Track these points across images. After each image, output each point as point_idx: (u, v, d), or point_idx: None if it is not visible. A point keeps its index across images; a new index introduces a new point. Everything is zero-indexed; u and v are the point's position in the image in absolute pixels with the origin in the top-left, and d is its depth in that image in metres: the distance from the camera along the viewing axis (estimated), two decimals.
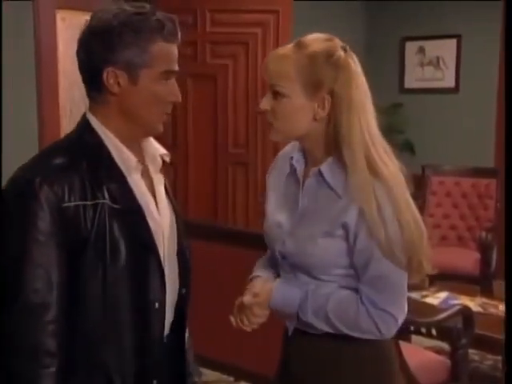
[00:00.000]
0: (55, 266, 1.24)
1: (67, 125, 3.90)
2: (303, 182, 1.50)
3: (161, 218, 1.40)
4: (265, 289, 1.51)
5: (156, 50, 1.30)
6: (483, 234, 4.36)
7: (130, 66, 1.29)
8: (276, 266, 1.58)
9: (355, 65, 1.43)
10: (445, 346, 3.12)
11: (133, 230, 1.31)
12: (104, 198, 1.28)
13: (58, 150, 1.34)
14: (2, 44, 2.26)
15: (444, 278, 4.07)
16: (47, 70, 3.74)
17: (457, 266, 4.22)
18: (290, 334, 1.53)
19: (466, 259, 4.40)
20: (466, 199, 4.74)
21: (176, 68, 1.35)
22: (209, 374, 3.09)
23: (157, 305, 1.35)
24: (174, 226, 1.45)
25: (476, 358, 3.55)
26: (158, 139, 1.49)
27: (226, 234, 3.03)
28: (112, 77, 1.30)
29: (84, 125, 1.36)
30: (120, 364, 1.31)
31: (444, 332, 2.72)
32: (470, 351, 2.80)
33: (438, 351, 3.09)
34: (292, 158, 1.51)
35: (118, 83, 1.30)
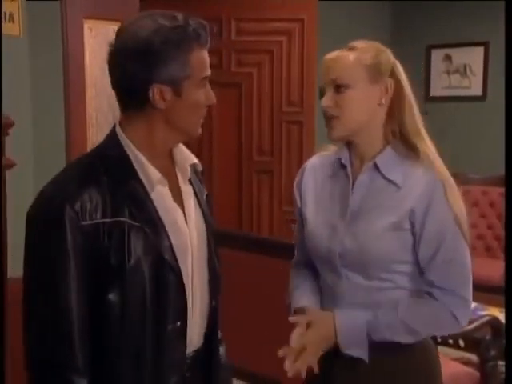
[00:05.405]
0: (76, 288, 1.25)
1: (94, 134, 3.93)
2: (353, 179, 1.52)
3: (189, 230, 1.39)
4: (325, 322, 1.46)
5: (194, 58, 1.32)
6: None
7: (174, 80, 1.31)
8: (315, 275, 1.58)
9: None
10: (472, 357, 3.06)
11: (154, 247, 1.30)
12: (124, 216, 1.28)
13: (80, 165, 1.35)
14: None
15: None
16: (75, 79, 3.78)
17: (484, 277, 4.15)
18: (367, 361, 1.46)
19: (494, 269, 4.31)
20: (493, 208, 4.66)
21: (210, 72, 1.37)
22: (234, 382, 3.08)
23: (178, 323, 1.33)
24: (205, 237, 1.44)
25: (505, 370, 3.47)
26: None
27: (250, 242, 3.02)
28: (157, 93, 1.30)
29: (111, 139, 1.37)
30: (140, 382, 1.30)
31: (472, 343, 2.67)
32: (500, 363, 2.74)
33: (465, 363, 3.04)
34: (340, 159, 1.55)
35: (163, 98, 1.31)
